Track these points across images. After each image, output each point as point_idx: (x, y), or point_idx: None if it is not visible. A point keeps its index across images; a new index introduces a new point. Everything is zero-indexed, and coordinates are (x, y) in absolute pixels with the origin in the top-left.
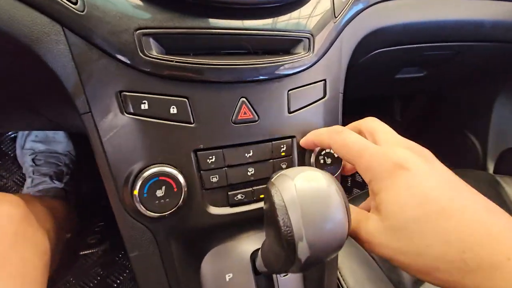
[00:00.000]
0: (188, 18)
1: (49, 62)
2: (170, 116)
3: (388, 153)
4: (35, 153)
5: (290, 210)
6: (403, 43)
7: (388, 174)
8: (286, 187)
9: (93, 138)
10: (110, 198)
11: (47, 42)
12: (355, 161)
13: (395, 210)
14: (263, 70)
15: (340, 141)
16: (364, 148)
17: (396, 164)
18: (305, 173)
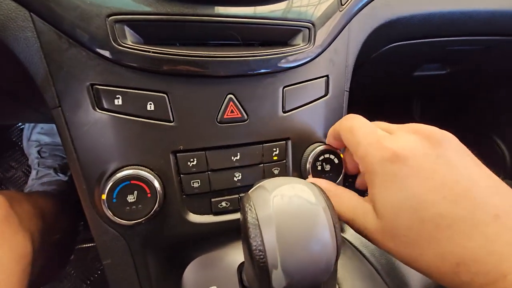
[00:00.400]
0: (169, 3)
1: (16, 52)
2: (147, 113)
3: (385, 143)
4: (41, 145)
5: (264, 231)
6: (423, 36)
7: (381, 167)
8: (262, 202)
9: (63, 135)
10: (82, 200)
11: (13, 29)
12: (354, 149)
13: (389, 213)
14: (254, 64)
15: (347, 127)
16: (365, 135)
17: (391, 155)
18: (286, 186)
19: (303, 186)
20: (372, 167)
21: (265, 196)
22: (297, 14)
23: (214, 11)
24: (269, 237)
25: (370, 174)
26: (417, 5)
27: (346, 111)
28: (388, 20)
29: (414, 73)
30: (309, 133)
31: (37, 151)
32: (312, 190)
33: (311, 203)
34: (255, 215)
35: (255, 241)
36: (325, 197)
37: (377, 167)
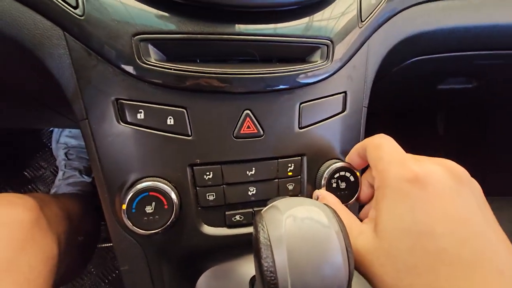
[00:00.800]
0: (191, 22)
1: (50, 67)
2: (167, 127)
3: (408, 164)
4: (68, 148)
5: (276, 252)
6: (448, 50)
7: (397, 184)
8: (275, 222)
9: (88, 145)
10: (104, 208)
11: (48, 46)
12: (375, 163)
13: (393, 232)
14: (271, 81)
15: (375, 143)
16: (392, 152)
17: (412, 176)
18: (300, 208)
19: (316, 208)
20: (389, 182)
21: (278, 217)
22: (315, 31)
23: (233, 30)
24: (280, 259)
25: (384, 189)
26: (440, 19)
27: (364, 127)
28: (410, 35)
29: (438, 86)
30: (325, 150)
31: (64, 153)
32: (325, 212)
33: (324, 225)
34: (267, 236)
35: (266, 261)
36: (338, 219)
37: (394, 183)
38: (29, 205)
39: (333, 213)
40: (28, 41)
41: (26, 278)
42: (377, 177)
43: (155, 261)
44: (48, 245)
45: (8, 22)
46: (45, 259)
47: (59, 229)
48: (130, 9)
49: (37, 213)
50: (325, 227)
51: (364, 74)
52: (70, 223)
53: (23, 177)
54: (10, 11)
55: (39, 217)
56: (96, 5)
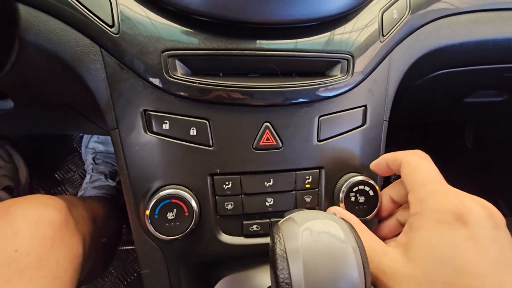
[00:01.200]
0: (215, 39)
1: (87, 80)
2: (190, 138)
3: (452, 197)
4: (96, 153)
5: (291, 265)
6: (476, 63)
7: (440, 216)
8: (291, 234)
9: (117, 153)
10: (129, 212)
11: (86, 61)
12: (414, 189)
13: (429, 261)
14: (290, 94)
15: (415, 161)
16: (432, 180)
17: (456, 211)
18: (316, 221)
19: (333, 222)
20: (432, 212)
21: (295, 229)
22: (335, 46)
23: (255, 45)
24: (296, 271)
25: (424, 218)
26: (467, 32)
27: (385, 140)
28: (434, 49)
29: (465, 99)
30: (344, 163)
31: (92, 157)
32: (342, 227)
33: (341, 240)
34: (283, 247)
35: (282, 273)
36: (355, 235)
37: (437, 215)
38: (59, 207)
39: (350, 228)
40: (69, 57)
41: (54, 275)
42: (416, 204)
43: (174, 266)
44: (75, 244)
45: (54, 41)
46: (72, 258)
47: (84, 230)
48: (159, 27)
49: (66, 214)
50: (342, 242)
51: (385, 87)
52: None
53: (54, 179)
54: (56, 31)
55: (68, 218)
56: (130, 24)
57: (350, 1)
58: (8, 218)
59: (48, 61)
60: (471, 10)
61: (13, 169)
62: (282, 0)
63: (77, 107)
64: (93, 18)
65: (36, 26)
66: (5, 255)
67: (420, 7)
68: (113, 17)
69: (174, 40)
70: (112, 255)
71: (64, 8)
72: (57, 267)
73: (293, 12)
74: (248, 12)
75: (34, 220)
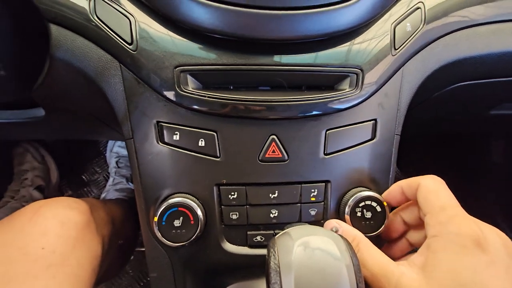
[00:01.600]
0: (225, 54)
1: (107, 93)
2: (198, 149)
3: (471, 223)
4: (119, 157)
5: (284, 279)
6: (498, 75)
7: (460, 240)
8: (286, 249)
9: (132, 161)
10: (140, 218)
11: (107, 76)
12: (433, 212)
13: (448, 283)
14: (297, 108)
15: (433, 186)
16: (451, 205)
17: (476, 236)
18: (312, 237)
19: (329, 239)
20: (450, 235)
21: (289, 244)
22: (343, 60)
23: (263, 61)
24: (287, 286)
25: (442, 240)
26: (488, 44)
27: (396, 155)
28: (452, 61)
29: (491, 112)
30: (352, 177)
31: (115, 161)
32: (338, 244)
33: (335, 258)
34: (277, 262)
35: (273, 287)
36: (352, 253)
37: (457, 239)
38: (82, 209)
39: (347, 245)
40: (92, 72)
41: (74, 273)
42: (435, 226)
43: (180, 272)
44: (94, 245)
45: (79, 57)
46: (91, 258)
47: (104, 232)
48: (173, 43)
49: (88, 216)
50: (336, 260)
51: (397, 101)
52: (113, 227)
53: (81, 180)
54: (81, 48)
55: (90, 220)
56: (147, 42)
57: (359, 16)
58: (38, 218)
59: (74, 75)
60: (491, 21)
61: (45, 170)
62: (291, 17)
63: (100, 116)
64: (114, 36)
65: (64, 44)
66: (33, 251)
67: (436, 19)
68: (131, 35)
69: (186, 56)
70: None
71: (89, 26)
72: (78, 265)
73: (303, 29)
74: (259, 30)
75: (61, 220)
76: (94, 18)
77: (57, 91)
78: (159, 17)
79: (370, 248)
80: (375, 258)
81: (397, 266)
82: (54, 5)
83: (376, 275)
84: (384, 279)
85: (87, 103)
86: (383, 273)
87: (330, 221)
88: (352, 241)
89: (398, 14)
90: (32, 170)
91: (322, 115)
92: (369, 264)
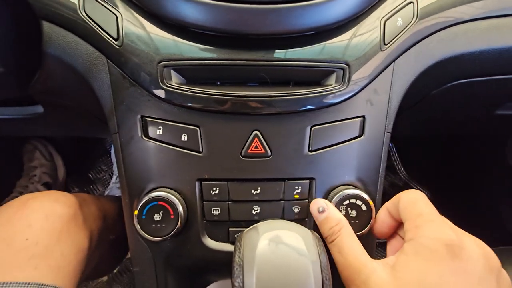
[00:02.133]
0: (208, 49)
1: (94, 88)
2: (181, 143)
3: (447, 229)
4: None
5: (246, 274)
6: (500, 72)
7: (433, 244)
8: (251, 244)
9: (117, 155)
10: (124, 212)
11: (95, 71)
12: (411, 218)
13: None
14: (281, 104)
15: (413, 197)
16: (429, 212)
17: (451, 242)
18: (279, 232)
19: (296, 235)
20: (424, 240)
21: (255, 239)
22: (330, 54)
23: (247, 56)
24: (249, 281)
25: (417, 244)
26: (487, 39)
27: (386, 153)
28: (448, 57)
29: (497, 111)
30: (338, 175)
31: None
32: (306, 240)
33: (300, 253)
34: (241, 256)
35: (236, 281)
36: (321, 249)
37: (430, 243)
38: (69, 202)
39: (316, 242)
40: (81, 67)
41: (57, 265)
42: (412, 230)
43: (162, 268)
44: (80, 238)
45: (69, 53)
46: (76, 251)
47: (93, 226)
48: (157, 39)
49: (75, 209)
50: (301, 255)
51: (387, 98)
52: (105, 222)
53: (87, 178)
54: (71, 44)
55: (76, 214)
56: (132, 37)
57: (346, 10)
58: (24, 210)
59: (65, 71)
60: (491, 15)
61: (52, 167)
62: (276, 11)
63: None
64: (101, 32)
65: (55, 40)
66: (18, 242)
67: (430, 13)
68: (118, 31)
69: (170, 51)
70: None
71: (78, 23)
72: (61, 258)
73: (287, 23)
74: (243, 24)
75: (46, 213)
76: (83, 14)
77: (52, 87)
78: (145, 13)
79: (351, 236)
80: (352, 248)
81: (371, 262)
82: (46, 3)
83: (349, 265)
84: (355, 271)
85: (80, 99)
86: (356, 264)
87: (318, 200)
88: (336, 225)
89: (389, 8)
90: (41, 167)
91: (307, 111)
92: (344, 251)
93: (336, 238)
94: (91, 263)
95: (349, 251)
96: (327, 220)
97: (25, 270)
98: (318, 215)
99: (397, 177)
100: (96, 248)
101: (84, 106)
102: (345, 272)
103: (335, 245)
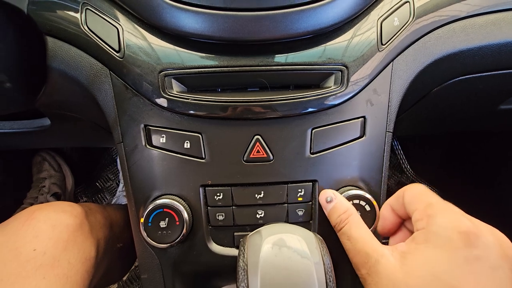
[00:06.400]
0: (207, 58)
1: (98, 99)
2: (184, 150)
3: (462, 218)
4: None
5: (250, 277)
6: (500, 67)
7: (448, 234)
8: (254, 248)
9: (122, 164)
10: (131, 219)
11: (98, 83)
12: (420, 208)
13: (422, 277)
14: (281, 108)
15: (418, 190)
16: (439, 201)
17: (467, 230)
18: (282, 235)
19: (298, 237)
20: (435, 228)
21: (258, 243)
22: (327, 57)
23: (246, 62)
24: (253, 285)
25: (430, 233)
26: (486, 35)
27: (388, 153)
28: (447, 54)
29: (500, 107)
30: (341, 176)
31: None
32: (309, 242)
33: (302, 256)
34: (245, 260)
35: (241, 285)
36: (324, 251)
37: (444, 231)
38: (75, 212)
39: (319, 243)
40: (85, 79)
41: (65, 274)
42: (424, 220)
43: (170, 275)
44: (87, 247)
45: (73, 66)
46: (83, 260)
47: (99, 235)
48: (157, 49)
49: (81, 219)
50: (303, 258)
51: (387, 98)
52: (111, 231)
53: (95, 187)
54: (75, 57)
55: (83, 223)
56: (133, 49)
57: (341, 13)
58: (31, 221)
59: (69, 84)
60: (487, 11)
61: (61, 178)
62: (271, 17)
63: (99, 123)
64: (103, 44)
65: (59, 55)
66: (25, 253)
67: (426, 12)
68: (119, 43)
69: (170, 61)
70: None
71: (81, 37)
72: (69, 267)
73: (283, 28)
74: (240, 32)
75: (53, 223)
76: (85, 28)
77: (57, 100)
78: (145, 25)
79: (359, 223)
80: (360, 234)
81: (380, 246)
82: (50, 18)
83: (359, 251)
84: (364, 256)
85: (85, 110)
86: (365, 250)
87: (326, 190)
88: (343, 212)
89: (385, 8)
90: (49, 178)
91: (307, 114)
92: (353, 238)
93: (344, 226)
94: (99, 272)
95: (358, 237)
96: (335, 209)
97: (33, 280)
98: (326, 204)
99: (404, 176)
100: (103, 257)
101: (89, 117)
102: (354, 258)
103: (344, 233)
